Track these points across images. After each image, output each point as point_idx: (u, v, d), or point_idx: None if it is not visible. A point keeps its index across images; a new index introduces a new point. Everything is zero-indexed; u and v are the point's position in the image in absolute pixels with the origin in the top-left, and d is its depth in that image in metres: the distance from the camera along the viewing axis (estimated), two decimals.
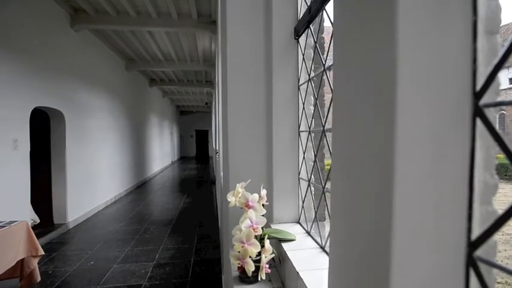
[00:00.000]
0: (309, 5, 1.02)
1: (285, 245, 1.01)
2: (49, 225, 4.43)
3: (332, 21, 0.52)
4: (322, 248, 0.95)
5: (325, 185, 0.97)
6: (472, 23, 0.32)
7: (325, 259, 0.87)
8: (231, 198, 1.02)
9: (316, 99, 1.09)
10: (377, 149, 0.36)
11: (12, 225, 2.25)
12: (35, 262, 2.43)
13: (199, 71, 8.73)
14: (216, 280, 2.92)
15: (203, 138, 21.04)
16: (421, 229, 0.33)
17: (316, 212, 1.08)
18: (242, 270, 0.94)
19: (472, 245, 0.32)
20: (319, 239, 1.00)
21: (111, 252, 3.66)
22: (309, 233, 1.11)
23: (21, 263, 2.35)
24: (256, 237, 0.95)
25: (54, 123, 4.56)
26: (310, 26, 1.08)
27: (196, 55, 7.18)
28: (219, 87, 3.52)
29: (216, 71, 4.83)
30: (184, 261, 3.37)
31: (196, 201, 6.61)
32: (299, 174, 1.26)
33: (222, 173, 2.16)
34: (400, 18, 0.32)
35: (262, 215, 1.00)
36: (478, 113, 0.32)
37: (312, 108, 1.17)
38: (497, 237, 0.31)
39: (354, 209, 0.43)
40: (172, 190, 8.13)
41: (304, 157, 1.21)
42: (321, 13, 0.96)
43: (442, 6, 0.32)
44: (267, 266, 0.96)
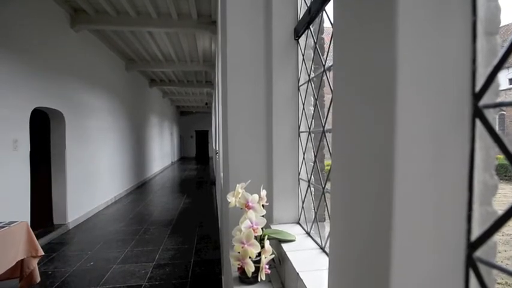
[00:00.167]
0: (308, 5, 1.02)
1: (284, 246, 1.01)
2: (49, 226, 4.43)
3: (332, 21, 0.52)
4: (322, 248, 0.95)
5: (325, 186, 0.96)
6: (472, 23, 0.32)
7: (325, 260, 0.87)
8: (231, 199, 1.02)
9: (316, 100, 1.09)
10: (377, 149, 0.36)
11: (12, 225, 2.25)
12: (34, 262, 2.43)
13: (199, 71, 8.74)
14: (216, 281, 2.92)
15: (203, 138, 21.04)
16: (421, 229, 0.33)
17: (316, 212, 1.08)
18: (242, 270, 0.94)
19: (472, 246, 0.32)
20: (319, 240, 1.00)
21: (111, 252, 3.66)
22: (308, 233, 1.11)
23: (21, 263, 2.34)
24: (256, 237, 0.95)
25: (54, 124, 4.56)
26: (310, 26, 1.08)
27: (196, 55, 7.19)
28: (219, 87, 3.52)
29: (216, 71, 4.83)
30: (184, 262, 3.37)
31: (196, 202, 6.60)
32: (299, 174, 1.26)
33: (222, 174, 2.16)
34: (400, 18, 0.32)
35: (262, 216, 1.00)
36: (477, 113, 0.32)
37: (312, 108, 1.17)
38: (497, 237, 0.31)
39: (354, 210, 0.43)
40: (172, 190, 8.13)
41: (304, 158, 1.21)
42: (320, 14, 0.96)
43: (442, 6, 0.32)
44: (267, 266, 0.96)
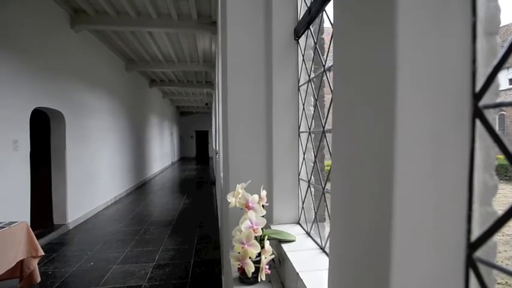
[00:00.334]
0: (309, 6, 1.02)
1: (284, 246, 1.01)
2: (49, 226, 4.43)
3: (332, 22, 0.52)
4: (322, 248, 0.95)
5: (325, 186, 0.96)
6: (472, 23, 0.32)
7: (325, 260, 0.87)
8: (231, 199, 1.02)
9: (316, 100, 1.09)
10: (377, 149, 0.36)
11: (12, 226, 2.25)
12: (34, 263, 2.43)
13: (199, 71, 8.74)
14: (216, 281, 2.92)
15: (203, 138, 21.04)
16: (421, 229, 0.33)
17: (316, 212, 1.08)
18: (242, 271, 0.94)
19: (472, 246, 0.32)
20: (319, 240, 1.00)
21: (111, 253, 3.66)
22: (308, 233, 1.11)
23: (21, 263, 2.34)
24: (256, 238, 0.95)
25: (54, 124, 4.56)
26: (310, 27, 1.08)
27: (196, 56, 7.19)
28: (219, 87, 3.53)
29: (216, 71, 4.83)
30: (184, 262, 3.37)
31: (196, 202, 6.60)
32: (299, 175, 1.26)
33: (222, 174, 2.16)
34: (400, 19, 0.32)
35: (262, 216, 1.00)
36: (477, 114, 0.32)
37: (312, 109, 1.17)
38: (497, 238, 0.31)
39: (354, 210, 0.43)
40: (172, 191, 8.13)
41: (304, 158, 1.21)
42: (320, 14, 0.96)
43: (442, 6, 0.32)
44: (267, 267, 0.96)
